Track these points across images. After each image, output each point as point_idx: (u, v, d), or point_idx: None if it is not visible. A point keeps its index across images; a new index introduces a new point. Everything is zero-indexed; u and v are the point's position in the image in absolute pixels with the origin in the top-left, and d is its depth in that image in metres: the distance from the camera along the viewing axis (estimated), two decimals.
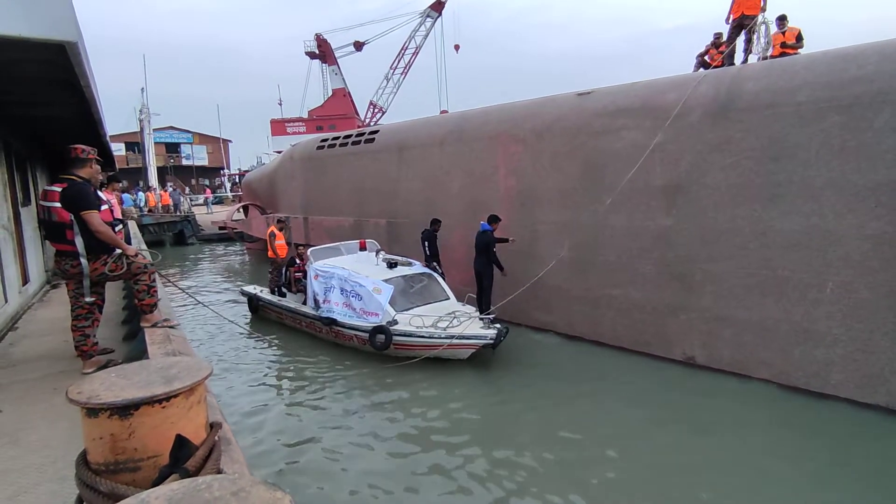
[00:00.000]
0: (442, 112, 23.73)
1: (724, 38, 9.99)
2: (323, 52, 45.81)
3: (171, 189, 31.53)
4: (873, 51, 6.64)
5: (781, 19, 9.24)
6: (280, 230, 11.56)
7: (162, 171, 42.69)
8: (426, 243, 10.09)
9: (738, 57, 9.55)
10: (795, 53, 8.81)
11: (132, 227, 14.04)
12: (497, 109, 11.14)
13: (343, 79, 46.25)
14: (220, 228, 25.02)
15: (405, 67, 45.45)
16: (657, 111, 8.17)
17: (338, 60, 46.18)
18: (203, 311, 12.50)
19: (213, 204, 36.75)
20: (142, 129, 32.74)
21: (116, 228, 4.80)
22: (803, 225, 6.75)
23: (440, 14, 44.22)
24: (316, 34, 45.41)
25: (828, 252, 6.58)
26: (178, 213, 27.78)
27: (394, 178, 12.92)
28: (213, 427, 1.52)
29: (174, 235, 26.55)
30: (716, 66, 9.31)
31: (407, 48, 44.93)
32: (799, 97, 6.86)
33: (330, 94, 46.49)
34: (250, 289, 11.72)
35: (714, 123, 7.57)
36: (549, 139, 9.62)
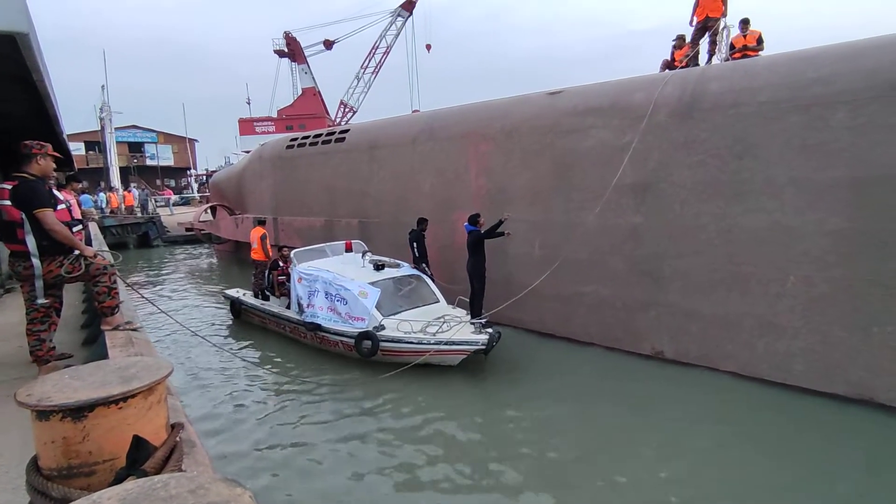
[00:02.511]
0: (414, 112, 23.67)
1: (687, 40, 10.22)
2: (292, 51, 45.20)
3: (136, 190, 30.62)
4: (829, 53, 6.88)
5: (744, 22, 9.51)
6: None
7: (125, 172, 41.47)
8: (414, 244, 9.76)
9: (702, 58, 9.78)
10: (756, 55, 9.07)
11: (93, 228, 13.56)
12: (468, 108, 11.16)
13: (313, 77, 45.72)
14: (187, 230, 24.40)
15: (376, 67, 45.21)
16: (625, 110, 8.31)
17: (307, 59, 45.63)
18: (175, 310, 12.18)
19: (174, 206, 35.81)
20: (103, 127, 31.73)
21: (76, 229, 4.63)
22: (766, 221, 6.95)
23: (411, 13, 44.15)
24: (285, 32, 44.79)
25: (789, 248, 6.79)
26: (142, 215, 27.00)
27: (365, 177, 12.82)
28: (175, 428, 1.46)
29: (138, 237, 25.82)
30: (681, 67, 9.51)
31: (378, 47, 44.71)
32: (761, 97, 7.05)
33: (299, 93, 45.90)
34: (233, 292, 11.38)
35: (680, 123, 7.73)
36: (519, 138, 9.68)
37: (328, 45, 45.67)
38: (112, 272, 4.16)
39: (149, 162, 50.08)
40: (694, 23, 9.84)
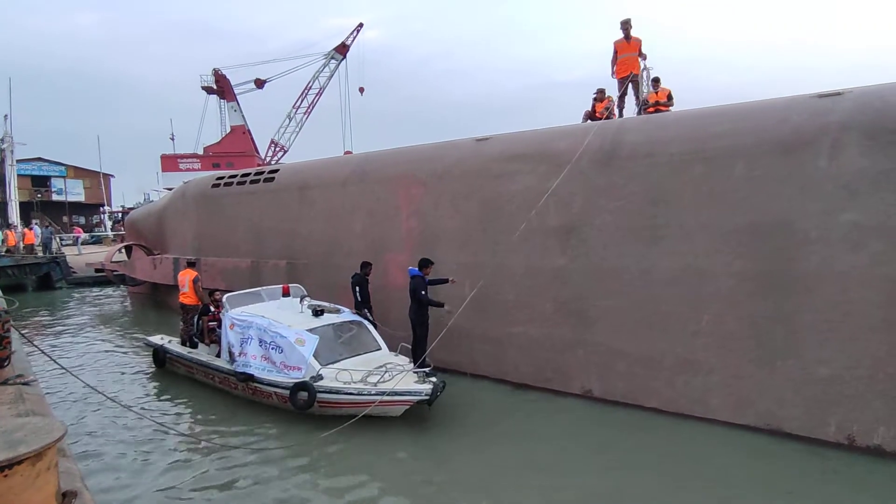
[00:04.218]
0: (346, 153, 23.67)
1: (607, 93, 10.99)
2: (221, 88, 44.40)
3: (38, 227, 28.26)
4: (727, 112, 7.61)
5: (656, 81, 10.41)
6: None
7: (27, 207, 38.45)
8: (357, 288, 9.46)
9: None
10: (667, 110, 9.88)
11: None
12: (399, 152, 11.31)
13: (242, 115, 44.96)
14: (97, 271, 22.65)
15: (308, 107, 45.27)
16: (550, 157, 8.71)
17: (237, 97, 44.91)
18: (80, 362, 11.12)
19: (83, 245, 33.13)
20: (2, 159, 29.38)
21: None
22: (680, 263, 7.41)
23: (345, 57, 44.88)
24: (214, 69, 43.99)
25: (701, 288, 7.25)
26: (44, 254, 24.88)
27: (294, 218, 12.55)
28: (67, 497, 1.30)
29: (39, 279, 23.67)
30: (602, 118, 10.16)
31: (310, 88, 44.90)
32: (671, 148, 7.63)
33: (228, 130, 44.86)
34: (156, 339, 10.52)
35: (602, 170, 8.19)
36: (449, 181, 9.88)
37: (259, 84, 45.30)
38: (6, 320, 3.77)
39: (55, 197, 46.71)
40: (616, 77, 10.64)
